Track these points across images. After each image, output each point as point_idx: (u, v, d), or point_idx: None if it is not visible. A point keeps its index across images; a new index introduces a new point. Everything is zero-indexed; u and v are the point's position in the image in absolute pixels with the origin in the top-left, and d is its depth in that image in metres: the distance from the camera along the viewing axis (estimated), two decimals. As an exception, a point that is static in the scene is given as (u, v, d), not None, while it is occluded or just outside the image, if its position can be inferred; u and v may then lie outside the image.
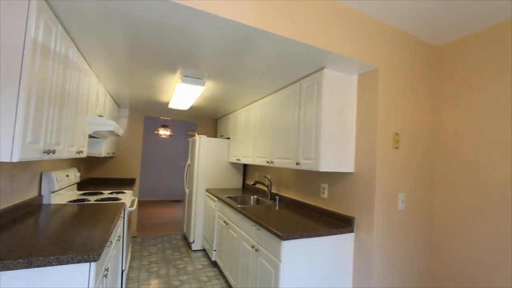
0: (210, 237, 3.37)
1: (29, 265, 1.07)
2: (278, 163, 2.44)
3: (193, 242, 3.75)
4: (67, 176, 2.58)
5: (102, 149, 3.11)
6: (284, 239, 1.65)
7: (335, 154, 1.93)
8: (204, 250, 3.77)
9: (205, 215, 3.71)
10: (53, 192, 2.23)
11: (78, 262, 1.15)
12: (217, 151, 3.93)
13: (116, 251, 2.05)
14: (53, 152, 1.43)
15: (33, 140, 1.23)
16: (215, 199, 3.26)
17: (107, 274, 1.53)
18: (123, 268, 2.42)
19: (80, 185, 3.42)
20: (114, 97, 3.47)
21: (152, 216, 5.70)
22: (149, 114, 4.50)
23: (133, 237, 4.19)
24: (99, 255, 1.19)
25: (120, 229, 2.24)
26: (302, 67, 1.95)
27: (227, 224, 2.77)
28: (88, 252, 1.18)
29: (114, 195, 2.81)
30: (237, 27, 1.44)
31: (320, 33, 1.63)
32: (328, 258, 1.82)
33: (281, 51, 1.72)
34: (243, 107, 3.59)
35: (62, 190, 2.44)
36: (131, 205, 2.71)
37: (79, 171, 3.39)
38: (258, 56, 1.83)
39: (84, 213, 1.93)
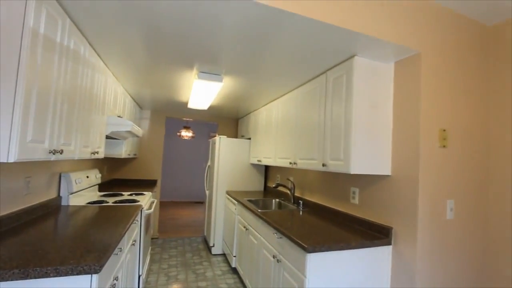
0: (230, 242, 3.22)
1: (25, 276, 0.97)
2: (302, 164, 2.22)
3: (213, 246, 3.63)
4: (87, 177, 2.57)
5: (123, 150, 3.10)
6: (309, 252, 1.44)
7: (368, 154, 1.68)
8: (224, 254, 3.63)
9: (225, 219, 3.58)
10: (71, 193, 2.21)
11: (78, 274, 1.03)
12: (237, 152, 3.79)
13: (131, 256, 1.96)
14: (61, 152, 1.35)
15: (35, 140, 1.15)
16: (235, 202, 3.11)
17: (115, 284, 1.42)
18: (140, 273, 2.34)
19: (103, 186, 3.44)
20: (135, 98, 3.46)
21: (173, 217, 5.71)
22: (171, 115, 4.48)
23: (154, 238, 4.17)
24: (101, 266, 1.07)
25: (136, 232, 2.16)
26: (329, 55, 1.73)
27: (247, 229, 2.60)
28: (89, 262, 1.06)
29: (133, 197, 2.76)
30: (257, 9, 1.26)
31: (350, 13, 1.41)
32: (360, 275, 1.58)
33: (305, 37, 1.52)
34: (263, 105, 3.41)
35: (82, 191, 2.42)
36: (149, 208, 2.64)
37: (102, 172, 3.42)
38: (280, 45, 1.64)
39: (99, 216, 1.86)
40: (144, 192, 3.07)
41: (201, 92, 2.59)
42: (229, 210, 3.37)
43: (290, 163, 2.42)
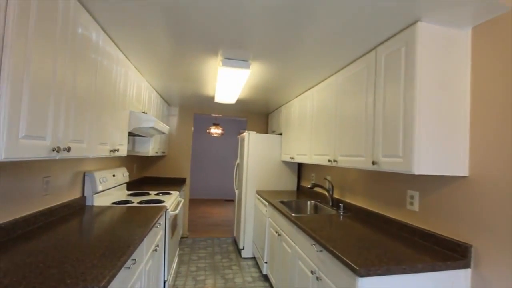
0: (260, 245, 2.97)
1: (13, 299, 0.81)
2: (344, 162, 1.88)
3: (243, 249, 3.42)
4: (114, 176, 2.49)
5: (150, 148, 3.00)
6: (362, 275, 1.12)
7: (437, 150, 1.29)
8: (254, 258, 3.40)
9: (256, 221, 3.34)
10: (96, 193, 2.12)
11: (74, 298, 0.85)
12: (268, 148, 3.52)
13: (153, 263, 1.79)
14: (68, 150, 1.19)
15: (31, 135, 0.98)
16: (266, 203, 2.84)
17: (129, 301, 1.24)
18: (165, 279, 2.19)
19: (132, 185, 3.40)
20: (161, 94, 3.35)
21: (204, 215, 5.63)
22: (199, 112, 4.35)
23: (183, 237, 4.09)
24: (102, 289, 0.87)
25: (159, 236, 2.00)
26: (382, 23, 1.37)
27: (279, 235, 2.32)
28: (89, 284, 0.87)
29: (160, 196, 2.63)
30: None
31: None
32: (430, 306, 1.22)
33: (351, 1, 1.18)
34: (296, 96, 3.09)
35: (108, 190, 2.34)
36: (175, 208, 2.49)
37: (131, 170, 3.38)
38: (319, 15, 1.33)
39: (119, 219, 1.72)
40: (171, 192, 2.94)
41: (227, 82, 2.35)
42: (260, 211, 3.12)
43: (329, 160, 2.09)
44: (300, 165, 3.69)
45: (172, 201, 2.52)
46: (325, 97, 2.28)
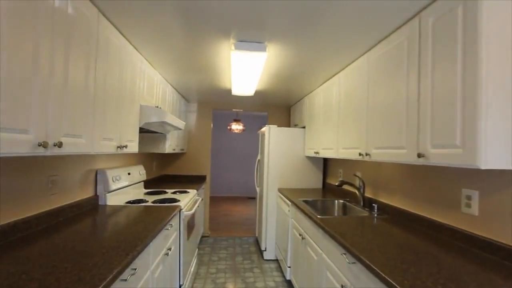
0: (283, 247, 2.75)
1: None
2: (380, 155, 1.59)
3: (265, 250, 3.22)
4: (129, 174, 2.41)
5: (166, 145, 2.90)
6: (411, 301, 0.86)
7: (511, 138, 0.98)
8: (277, 261, 3.19)
9: (278, 221, 3.12)
10: (108, 192, 2.03)
11: (48, 324, 0.69)
12: (290, 143, 3.27)
13: (164, 268, 1.65)
14: (59, 145, 1.06)
15: (11, 128, 0.85)
16: (288, 202, 2.61)
17: (129, 317, 1.09)
18: (181, 283, 2.06)
19: (151, 183, 3.34)
20: (178, 89, 3.24)
21: (226, 213, 5.52)
22: (217, 107, 4.20)
23: (204, 236, 3.99)
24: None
25: (172, 238, 1.86)
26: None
27: (303, 238, 2.09)
28: (66, 305, 0.71)
29: (176, 195, 2.51)
30: None
31: None
32: None
33: None
34: (320, 85, 2.80)
35: (123, 189, 2.26)
36: (191, 208, 2.35)
37: (150, 168, 3.32)
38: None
39: (128, 220, 1.59)
40: (189, 190, 2.81)
41: (242, 70, 2.14)
42: (282, 211, 2.90)
43: (360, 154, 1.80)
44: (325, 161, 3.39)
45: (188, 200, 2.38)
46: (353, 82, 1.99)
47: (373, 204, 2.02)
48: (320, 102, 2.76)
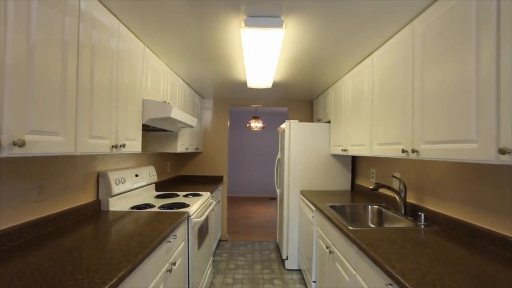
0: (307, 256, 2.43)
1: None
2: (433, 152, 1.23)
3: (287, 259, 2.91)
4: (137, 176, 2.22)
5: (177, 144, 2.69)
6: None
7: None
8: (300, 271, 2.87)
9: (301, 227, 2.80)
10: (111, 196, 1.84)
11: None
12: (313, 140, 2.93)
13: (168, 286, 1.41)
14: (20, 144, 0.84)
15: None
16: (313, 207, 2.28)
17: None
18: (190, 300, 1.82)
19: (166, 184, 3.16)
20: (190, 84, 3.02)
21: (246, 215, 5.28)
22: (234, 103, 3.95)
23: (222, 240, 3.76)
24: None
25: (177, 251, 1.62)
26: None
27: (331, 252, 1.76)
28: None
29: (187, 199, 2.29)
30: None
31: None
32: None
33: None
34: (347, 72, 2.43)
35: (130, 192, 2.08)
36: (201, 214, 2.11)
37: (164, 169, 3.14)
38: None
39: (126, 230, 1.37)
40: (202, 193, 2.58)
41: (255, 53, 1.84)
42: (305, 217, 2.58)
43: (404, 151, 1.44)
44: (354, 159, 3.01)
45: (200, 204, 2.14)
46: (392, 62, 1.62)
47: (419, 213, 1.64)
48: (348, 91, 2.39)
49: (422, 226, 1.57)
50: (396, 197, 1.86)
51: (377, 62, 1.82)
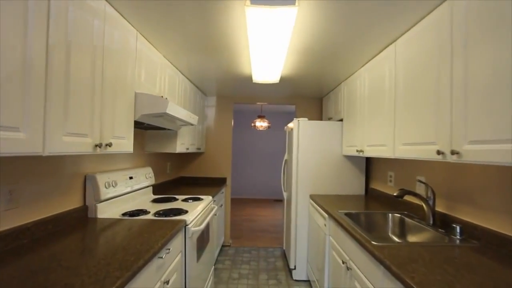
0: (318, 266, 2.20)
1: None
2: (482, 154, 0.99)
3: (294, 268, 2.68)
4: (131, 178, 2.02)
5: (177, 143, 2.49)
6: None
7: None
8: (309, 282, 2.64)
9: (310, 234, 2.57)
10: (100, 201, 1.65)
11: None
12: (324, 139, 2.70)
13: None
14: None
15: None
16: (325, 214, 2.06)
17: None
18: (187, 320, 1.61)
19: (165, 186, 2.96)
20: (192, 79, 2.82)
21: (250, 218, 5.06)
22: (239, 100, 3.73)
23: (225, 246, 3.55)
24: None
25: (171, 267, 1.41)
26: None
27: (349, 268, 1.53)
28: None
29: (186, 204, 2.08)
30: None
31: None
32: None
33: None
34: (364, 64, 2.20)
35: (123, 196, 1.88)
36: (201, 221, 1.90)
37: (164, 170, 2.94)
38: None
39: (109, 244, 1.17)
40: (202, 197, 2.37)
41: (262, 39, 1.62)
42: (315, 223, 2.35)
43: (440, 152, 1.20)
44: (369, 160, 2.77)
45: (200, 210, 1.93)
46: (423, 49, 1.38)
47: (454, 225, 1.40)
48: (364, 86, 2.16)
49: (458, 241, 1.33)
50: (423, 205, 1.62)
51: (402, 50, 1.58)
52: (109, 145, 1.32)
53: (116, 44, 1.40)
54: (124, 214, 1.70)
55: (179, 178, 3.55)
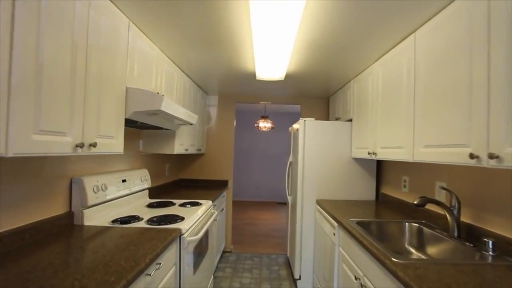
0: (324, 277, 2.03)
1: None
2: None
3: (299, 279, 2.51)
4: (124, 181, 1.87)
5: (175, 144, 2.33)
6: None
7: None
8: (317, 294, 2.46)
9: (317, 242, 2.40)
10: (87, 207, 1.50)
11: None
12: (331, 140, 2.53)
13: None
14: None
15: None
16: (334, 222, 1.88)
17: None
18: None
19: (163, 189, 2.81)
20: (192, 77, 2.68)
21: (252, 222, 4.89)
22: (242, 100, 3.58)
23: (226, 252, 3.39)
24: None
25: (165, 282, 1.26)
26: None
27: (362, 286, 1.36)
28: None
29: (183, 209, 1.93)
30: None
31: None
32: None
33: None
34: (377, 59, 2.03)
35: (114, 201, 1.73)
36: (198, 230, 1.74)
37: (162, 172, 2.79)
38: None
39: (89, 259, 1.01)
40: (201, 201, 2.22)
41: (267, 32, 1.47)
42: (322, 231, 2.18)
43: (474, 156, 1.03)
44: (380, 164, 2.59)
45: (198, 217, 1.78)
46: (449, 39, 1.21)
47: (488, 241, 1.22)
48: (377, 83, 1.99)
49: (490, 258, 1.15)
50: (447, 214, 1.45)
51: (424, 41, 1.41)
52: (94, 145, 1.17)
53: (103, 33, 1.25)
54: (114, 221, 1.55)
55: (179, 181, 3.40)
